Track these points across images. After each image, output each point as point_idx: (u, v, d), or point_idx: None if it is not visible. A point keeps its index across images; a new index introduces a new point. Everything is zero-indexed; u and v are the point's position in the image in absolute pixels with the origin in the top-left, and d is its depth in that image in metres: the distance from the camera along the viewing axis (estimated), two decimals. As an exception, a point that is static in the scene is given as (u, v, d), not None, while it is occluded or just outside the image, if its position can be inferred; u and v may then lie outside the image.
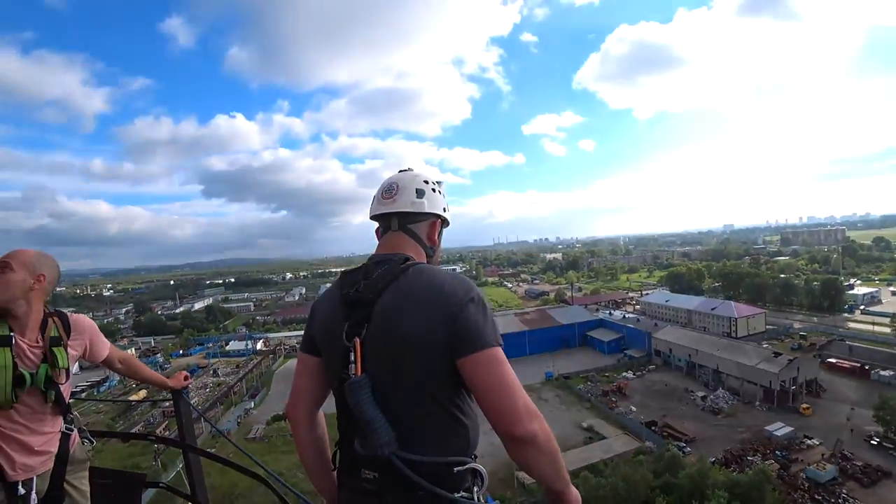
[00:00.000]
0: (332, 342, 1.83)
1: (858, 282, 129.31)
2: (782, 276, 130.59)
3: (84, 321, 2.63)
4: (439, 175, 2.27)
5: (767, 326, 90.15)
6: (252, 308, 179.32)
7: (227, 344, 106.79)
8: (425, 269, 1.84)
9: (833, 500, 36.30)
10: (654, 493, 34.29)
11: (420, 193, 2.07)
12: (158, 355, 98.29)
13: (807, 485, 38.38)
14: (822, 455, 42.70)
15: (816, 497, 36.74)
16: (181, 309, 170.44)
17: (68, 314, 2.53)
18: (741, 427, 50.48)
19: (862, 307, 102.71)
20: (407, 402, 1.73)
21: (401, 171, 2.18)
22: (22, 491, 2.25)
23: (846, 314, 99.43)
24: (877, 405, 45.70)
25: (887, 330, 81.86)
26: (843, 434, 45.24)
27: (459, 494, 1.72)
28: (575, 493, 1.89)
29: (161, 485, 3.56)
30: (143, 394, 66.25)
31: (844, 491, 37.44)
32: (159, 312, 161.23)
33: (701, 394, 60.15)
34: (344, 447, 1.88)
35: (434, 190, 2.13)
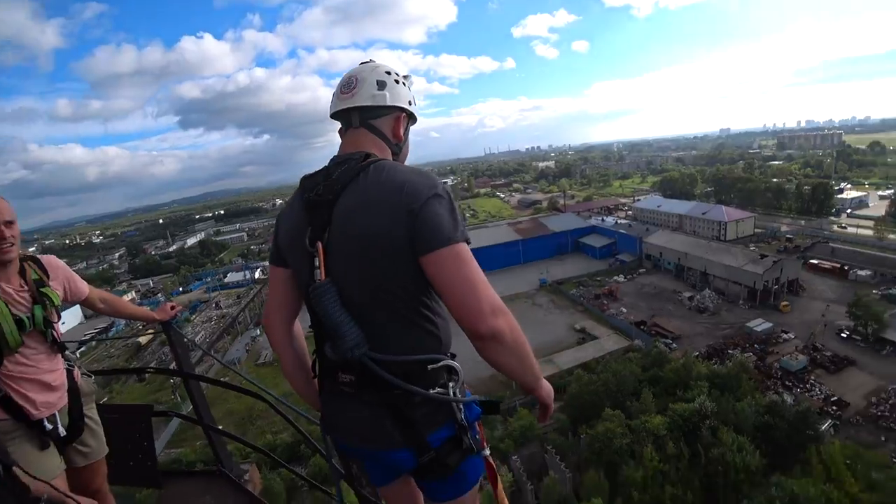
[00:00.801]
0: (297, 250, 1.84)
1: (849, 186, 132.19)
2: (774, 180, 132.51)
3: (55, 261, 2.66)
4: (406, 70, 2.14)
5: (756, 230, 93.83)
6: (245, 238, 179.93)
7: (225, 276, 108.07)
8: (387, 165, 1.81)
9: (801, 385, 40.93)
10: (642, 386, 37.84)
11: (381, 85, 1.99)
12: (159, 295, 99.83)
13: (779, 373, 42.92)
14: (796, 347, 47.15)
15: (787, 383, 41.29)
16: (174, 247, 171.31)
17: (39, 257, 2.56)
18: (724, 324, 54.78)
19: (849, 211, 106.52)
20: (374, 304, 1.76)
21: (361, 64, 2.09)
22: (49, 426, 2.36)
23: (832, 217, 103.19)
24: (851, 302, 49.53)
25: (870, 232, 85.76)
26: (817, 328, 49.43)
27: (435, 391, 1.80)
28: (547, 386, 2.00)
29: (169, 413, 3.76)
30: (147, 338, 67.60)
31: (812, 377, 42.10)
32: (153, 253, 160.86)
33: (688, 294, 64.06)
34: (319, 354, 1.94)
35: (397, 82, 2.04)
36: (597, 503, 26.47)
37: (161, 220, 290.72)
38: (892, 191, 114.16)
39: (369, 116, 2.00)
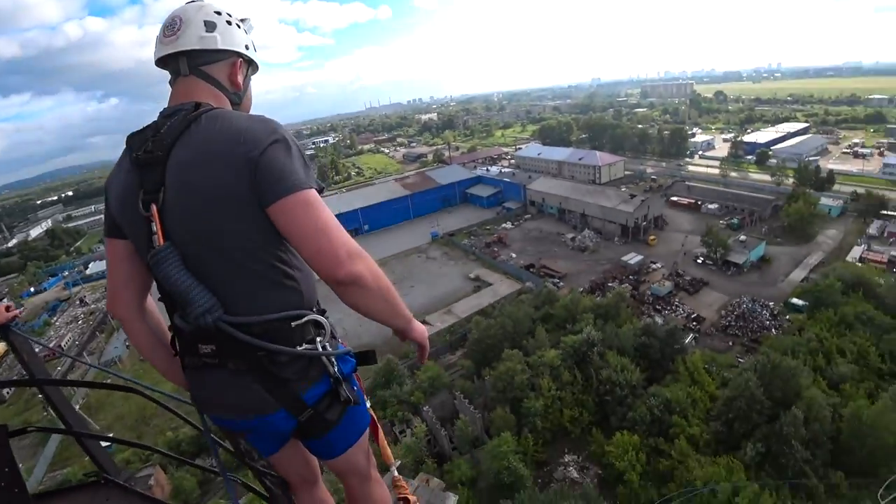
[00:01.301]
0: (131, 216, 1.70)
1: (699, 130, 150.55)
2: (640, 126, 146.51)
3: None
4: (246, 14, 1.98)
5: (626, 172, 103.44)
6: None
7: (86, 268, 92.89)
8: (220, 113, 1.69)
9: (668, 307, 46.92)
10: (536, 324, 40.69)
11: (210, 27, 1.82)
12: (4, 300, 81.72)
13: (651, 299, 48.66)
14: (663, 275, 53.65)
15: (657, 307, 47.03)
16: (14, 241, 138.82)
17: None
18: (603, 260, 60.34)
19: (700, 153, 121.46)
20: (223, 264, 1.68)
21: (187, 3, 1.88)
22: None
23: (688, 159, 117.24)
24: (703, 232, 57.29)
25: (716, 171, 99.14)
26: (679, 257, 56.64)
27: (302, 348, 1.77)
28: (419, 327, 2.02)
29: (27, 428, 3.36)
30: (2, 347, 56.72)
31: (676, 300, 48.45)
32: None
33: (570, 236, 69.21)
34: (173, 326, 1.83)
35: (230, 23, 1.88)
36: (506, 436, 28.30)
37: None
38: (733, 135, 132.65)
39: (199, 62, 1.84)
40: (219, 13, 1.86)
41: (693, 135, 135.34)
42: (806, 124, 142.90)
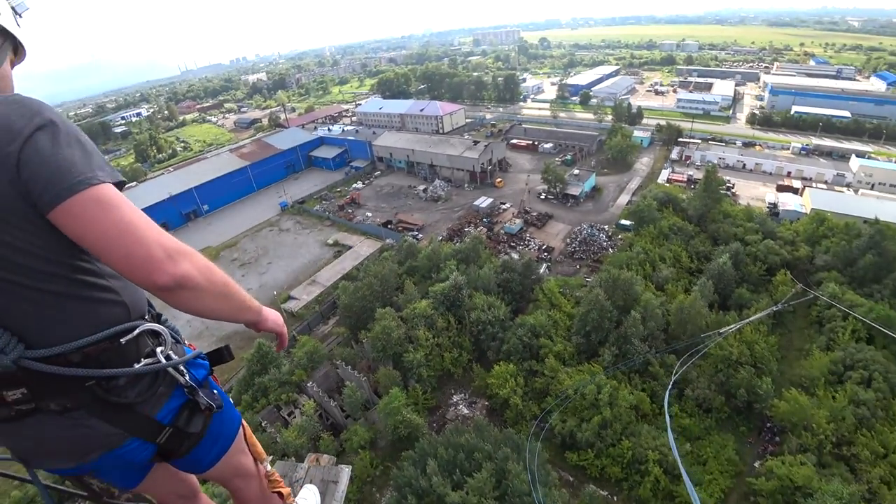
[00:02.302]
0: None
1: (529, 76, 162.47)
2: (475, 74, 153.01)
3: None
4: None
5: (467, 119, 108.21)
6: None
7: None
8: None
9: (521, 243, 51.28)
10: (403, 279, 41.56)
11: None
12: None
13: (505, 237, 52.61)
14: (512, 214, 58.16)
15: (511, 244, 51.10)
16: None
17: None
18: (457, 207, 63.21)
19: (532, 96, 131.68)
20: (7, 291, 1.35)
21: None
22: None
23: (521, 103, 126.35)
24: (543, 170, 63.02)
25: (548, 113, 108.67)
26: (524, 196, 61.64)
27: (141, 364, 1.55)
28: (271, 314, 1.89)
29: None
30: None
31: (528, 235, 53.10)
32: None
33: (422, 187, 70.96)
34: None
35: None
36: (394, 392, 29.18)
37: None
38: (559, 78, 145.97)
39: None
40: None
41: (524, 80, 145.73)
42: (617, 67, 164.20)
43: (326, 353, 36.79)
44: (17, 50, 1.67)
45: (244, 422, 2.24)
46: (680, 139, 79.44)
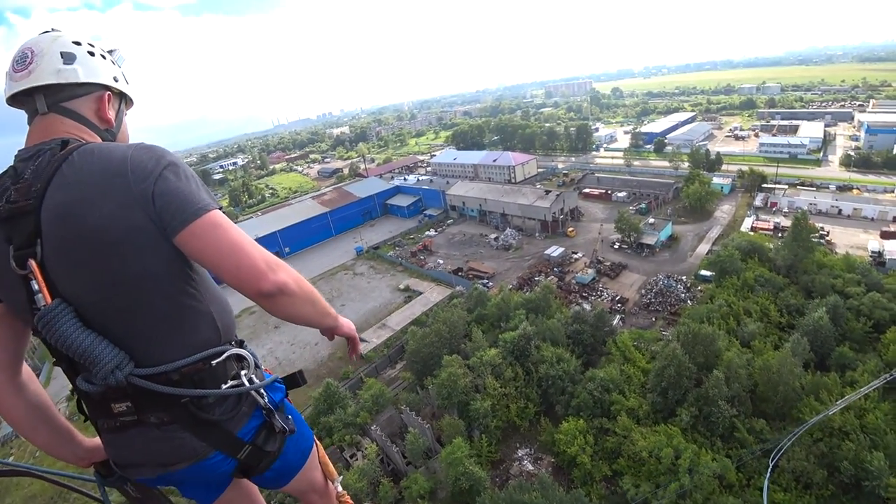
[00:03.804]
0: (2, 276, 1.56)
1: (602, 125, 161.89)
2: (547, 125, 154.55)
3: None
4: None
5: (539, 169, 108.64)
6: None
7: None
8: (95, 147, 1.56)
9: (593, 293, 49.74)
10: (471, 326, 41.37)
11: (69, 58, 1.70)
12: None
13: (577, 287, 51.31)
14: (585, 263, 56.82)
15: (583, 294, 49.68)
16: None
17: None
18: (527, 256, 62.76)
19: (604, 145, 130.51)
20: (126, 311, 1.57)
21: (40, 34, 1.75)
22: None
23: (594, 152, 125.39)
24: (616, 219, 61.44)
25: (621, 161, 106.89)
26: (596, 245, 60.26)
27: (228, 386, 1.75)
28: (346, 321, 2.08)
29: None
30: None
31: (600, 285, 51.48)
32: None
33: (493, 236, 71.32)
34: (77, 390, 1.71)
35: (93, 54, 1.77)
36: (458, 442, 28.46)
37: None
38: (631, 126, 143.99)
39: (60, 99, 1.70)
40: (78, 43, 1.74)
41: (596, 129, 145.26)
42: (692, 113, 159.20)
43: (392, 396, 36.98)
44: (128, 102, 2.02)
45: (317, 441, 2.45)
46: (764, 185, 74.59)
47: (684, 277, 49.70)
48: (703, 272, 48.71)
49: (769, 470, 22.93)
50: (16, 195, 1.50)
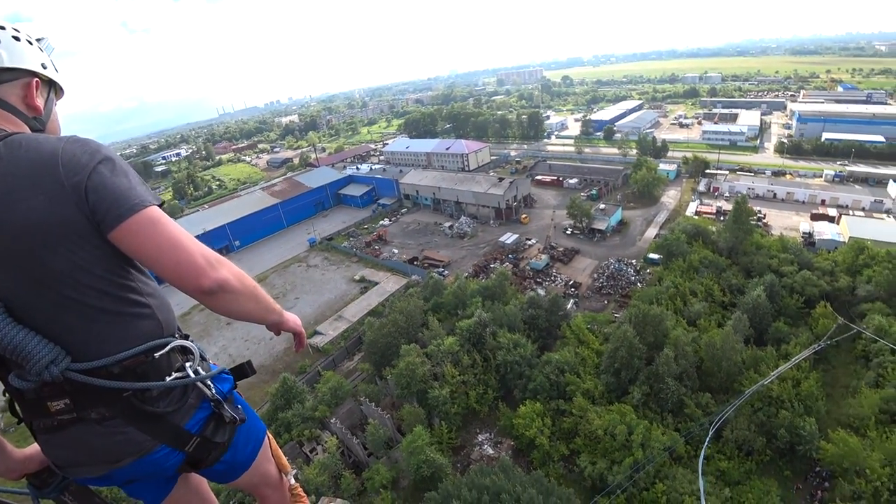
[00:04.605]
0: None
1: (553, 113, 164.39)
2: (499, 112, 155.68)
3: None
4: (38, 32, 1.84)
5: (492, 157, 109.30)
6: None
7: None
8: (23, 139, 1.50)
9: (547, 279, 50.64)
10: (428, 315, 41.30)
11: None
12: None
13: (531, 273, 52.09)
14: (538, 249, 57.71)
15: (538, 280, 50.53)
16: None
17: None
18: (482, 243, 63.18)
19: (556, 133, 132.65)
20: (61, 306, 1.52)
21: None
22: None
23: (546, 140, 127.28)
24: (568, 205, 62.65)
25: (572, 149, 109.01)
26: (550, 231, 61.24)
27: (172, 378, 1.71)
28: (291, 316, 2.07)
29: None
30: None
31: (554, 270, 52.46)
32: None
33: (448, 224, 71.39)
34: (8, 388, 1.64)
35: (18, 38, 1.70)
36: (418, 431, 28.52)
37: None
38: (582, 114, 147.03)
39: None
40: (3, 28, 1.67)
41: (548, 117, 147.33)
42: (640, 101, 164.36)
43: (350, 389, 36.55)
44: (58, 91, 1.93)
45: (269, 433, 2.38)
46: (707, 171, 78.21)
47: (634, 261, 51.37)
48: (652, 255, 50.52)
49: (707, 439, 24.30)
50: None
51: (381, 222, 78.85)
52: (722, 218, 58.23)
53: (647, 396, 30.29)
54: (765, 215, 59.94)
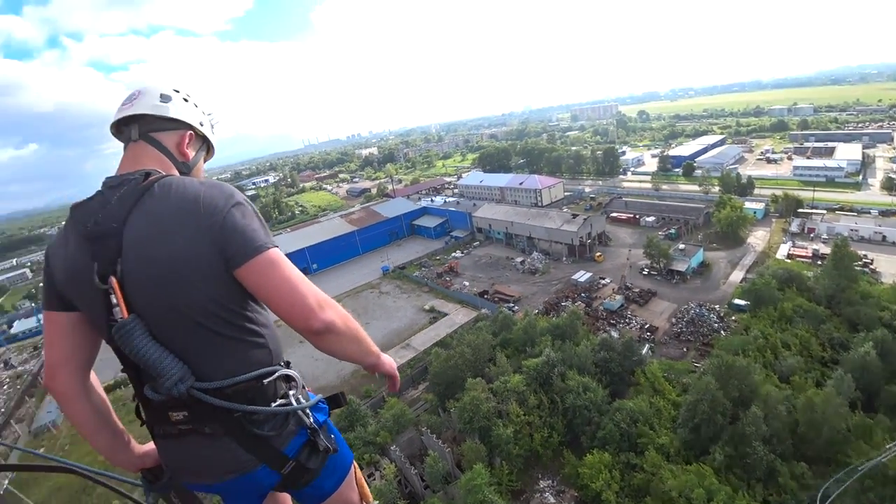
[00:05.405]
0: (84, 289, 1.69)
1: (628, 148, 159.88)
2: (573, 148, 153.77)
3: None
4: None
5: (566, 193, 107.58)
6: (29, 275, 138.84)
7: (10, 326, 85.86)
8: (174, 181, 1.73)
9: (622, 321, 48.23)
10: (496, 350, 40.47)
11: (165, 98, 1.98)
12: None
13: (605, 314, 49.84)
14: (613, 289, 55.30)
15: (611, 321, 48.22)
16: None
17: None
18: (554, 280, 61.59)
19: (632, 169, 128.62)
20: (192, 331, 1.70)
21: (151, 82, 2.10)
22: None
23: (621, 176, 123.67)
24: (645, 244, 59.91)
25: (649, 185, 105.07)
26: (625, 270, 58.71)
27: (277, 403, 1.85)
28: (388, 359, 2.17)
29: None
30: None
31: (628, 312, 49.90)
32: None
33: (520, 259, 70.40)
34: (140, 397, 1.84)
35: (187, 100, 2.04)
36: (478, 469, 27.43)
37: None
38: (659, 150, 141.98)
39: (150, 129, 1.96)
40: (177, 91, 2.02)
41: (623, 153, 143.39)
42: (722, 136, 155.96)
43: (413, 418, 36.21)
44: (210, 149, 2.26)
45: (355, 462, 2.52)
46: (800, 210, 71.93)
47: (717, 306, 47.76)
48: (738, 301, 46.71)
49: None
50: (103, 218, 1.66)
51: (454, 254, 79.40)
52: (819, 262, 52.91)
53: (731, 459, 27.29)
54: (872, 260, 53.67)
